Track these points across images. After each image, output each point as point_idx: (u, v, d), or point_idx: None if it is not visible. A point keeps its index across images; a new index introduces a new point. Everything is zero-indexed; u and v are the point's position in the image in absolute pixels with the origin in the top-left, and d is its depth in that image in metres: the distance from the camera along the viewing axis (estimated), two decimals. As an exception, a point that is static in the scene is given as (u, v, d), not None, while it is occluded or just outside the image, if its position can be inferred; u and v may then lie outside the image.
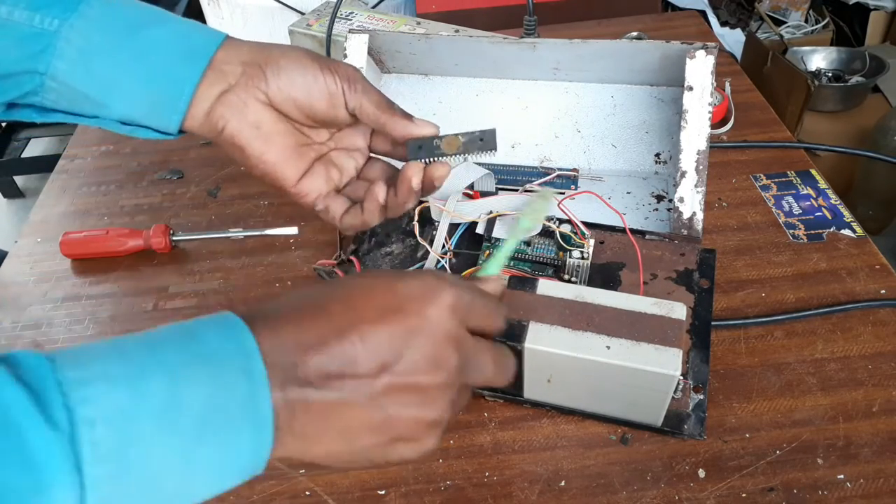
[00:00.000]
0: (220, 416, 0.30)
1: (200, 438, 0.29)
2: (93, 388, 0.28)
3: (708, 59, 0.61)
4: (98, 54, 0.43)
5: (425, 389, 0.34)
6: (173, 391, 0.29)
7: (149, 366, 0.29)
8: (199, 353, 0.30)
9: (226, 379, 0.30)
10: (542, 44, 0.66)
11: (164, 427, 0.29)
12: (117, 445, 0.27)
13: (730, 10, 1.92)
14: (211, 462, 0.30)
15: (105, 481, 0.27)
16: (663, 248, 0.61)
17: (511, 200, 0.64)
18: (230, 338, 0.31)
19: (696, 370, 0.54)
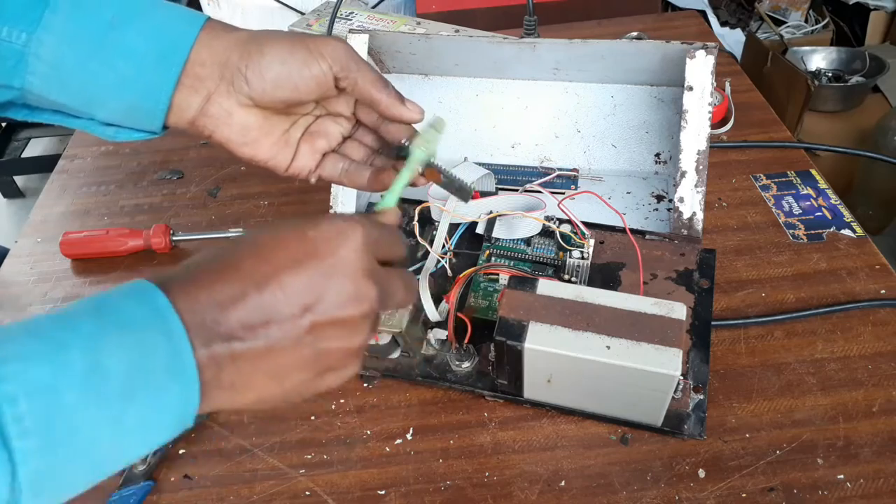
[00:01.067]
0: (144, 379, 0.31)
1: (127, 402, 0.30)
2: (10, 366, 0.28)
3: (708, 59, 0.61)
4: (69, 68, 0.42)
5: (349, 322, 0.36)
6: (93, 360, 0.30)
7: (65, 339, 0.30)
8: (115, 321, 0.31)
9: (146, 343, 0.31)
10: (542, 44, 0.66)
11: (88, 396, 0.29)
12: (42, 418, 0.28)
13: (730, 10, 1.92)
14: (140, 423, 0.31)
15: (34, 454, 0.28)
16: (663, 248, 0.61)
17: (511, 200, 0.64)
18: (145, 302, 0.32)
19: (696, 370, 0.54)
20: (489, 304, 0.58)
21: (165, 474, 0.53)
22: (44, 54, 0.41)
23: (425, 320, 0.57)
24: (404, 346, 0.56)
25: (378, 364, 0.58)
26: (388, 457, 0.53)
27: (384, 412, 0.56)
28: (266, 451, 0.54)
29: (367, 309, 0.37)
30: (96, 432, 0.30)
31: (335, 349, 0.36)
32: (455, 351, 0.56)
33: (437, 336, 0.57)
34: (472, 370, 0.56)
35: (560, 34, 0.77)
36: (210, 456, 0.54)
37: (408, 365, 0.57)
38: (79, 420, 0.29)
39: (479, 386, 0.55)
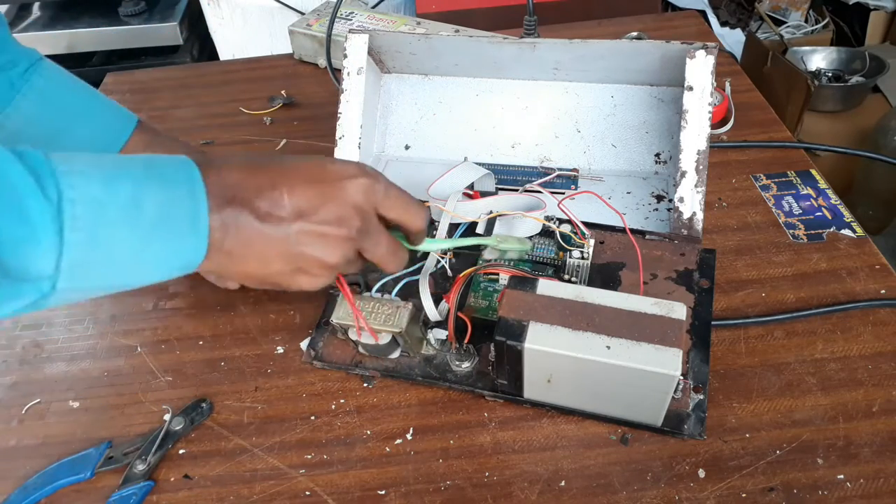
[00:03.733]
0: (168, 222, 0.39)
1: (152, 235, 0.39)
2: (76, 178, 0.36)
3: (708, 59, 0.61)
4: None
5: (329, 238, 0.44)
6: (135, 194, 0.38)
7: (118, 174, 0.38)
8: (157, 174, 0.39)
9: (176, 196, 0.39)
10: (542, 44, 0.66)
11: (126, 219, 0.37)
12: (90, 222, 0.36)
13: (730, 10, 1.92)
14: (157, 256, 0.39)
15: (77, 247, 0.35)
16: (663, 248, 0.61)
17: (511, 200, 0.64)
18: (182, 169, 0.41)
19: (696, 370, 0.54)
20: (489, 304, 0.58)
21: (165, 474, 0.53)
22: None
23: (425, 320, 0.57)
24: (404, 345, 0.56)
25: (378, 364, 0.58)
26: (388, 457, 0.53)
27: (384, 412, 0.56)
28: (266, 451, 0.54)
29: (346, 234, 0.45)
30: (123, 249, 0.38)
31: (310, 255, 0.44)
32: (455, 351, 0.56)
33: (437, 336, 0.57)
34: (472, 370, 0.56)
35: (560, 34, 0.77)
36: (210, 456, 0.54)
37: (408, 365, 0.57)
38: (113, 234, 0.37)
39: (479, 386, 0.55)
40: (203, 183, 0.40)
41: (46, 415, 0.59)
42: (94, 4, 1.63)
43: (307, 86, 0.97)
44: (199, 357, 0.62)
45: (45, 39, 1.58)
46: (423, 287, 0.57)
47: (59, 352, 0.64)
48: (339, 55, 0.71)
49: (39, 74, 0.63)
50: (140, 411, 0.58)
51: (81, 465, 0.53)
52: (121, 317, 0.66)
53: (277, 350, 0.62)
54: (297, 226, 0.43)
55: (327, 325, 0.60)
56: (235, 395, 0.58)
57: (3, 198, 0.34)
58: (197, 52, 1.69)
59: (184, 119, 0.94)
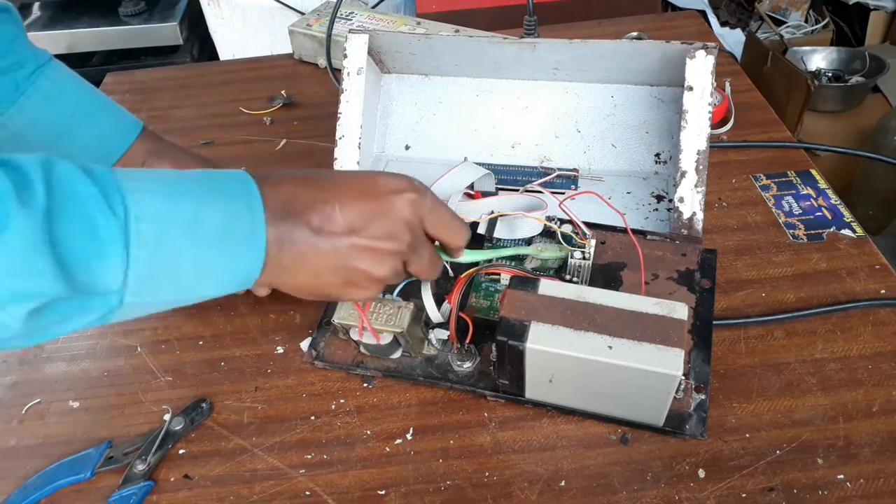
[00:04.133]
0: (228, 238, 0.40)
1: (212, 250, 0.40)
2: (142, 194, 0.37)
3: (708, 59, 0.61)
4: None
5: (379, 252, 0.45)
6: (197, 210, 0.39)
7: (182, 189, 0.39)
8: (217, 189, 0.41)
9: (235, 210, 0.41)
10: (542, 44, 0.66)
11: (187, 234, 0.39)
12: (154, 238, 0.37)
13: (730, 10, 1.92)
14: (217, 270, 0.41)
15: (142, 262, 0.37)
16: (664, 249, 0.61)
17: (512, 201, 0.64)
18: (241, 183, 0.42)
19: (698, 370, 0.54)
20: (490, 304, 0.58)
21: (165, 474, 0.53)
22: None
23: (427, 320, 0.57)
24: (406, 345, 0.56)
25: (379, 364, 0.58)
26: (388, 457, 0.53)
27: (384, 412, 0.56)
28: (266, 451, 0.54)
29: (396, 248, 0.46)
30: (185, 263, 0.39)
31: (361, 269, 0.45)
32: (456, 351, 0.56)
33: (439, 336, 0.57)
34: (474, 370, 0.56)
35: (560, 34, 0.77)
36: (210, 456, 0.54)
37: (409, 365, 0.57)
38: (176, 249, 0.38)
39: (480, 386, 0.55)
40: (260, 198, 0.41)
41: (46, 415, 0.59)
42: (94, 4, 1.63)
43: (307, 86, 0.97)
44: (199, 357, 0.62)
45: (45, 39, 1.58)
46: (425, 288, 0.57)
47: (59, 352, 0.64)
48: (339, 55, 0.71)
49: (46, 77, 0.63)
50: (140, 411, 0.58)
51: (81, 465, 0.53)
52: (121, 317, 0.66)
53: (277, 350, 0.62)
54: (350, 240, 0.44)
55: (328, 325, 0.60)
56: (235, 395, 0.58)
57: (74, 213, 0.35)
58: (197, 52, 1.69)
59: (184, 119, 0.94)
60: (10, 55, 0.61)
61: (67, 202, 0.35)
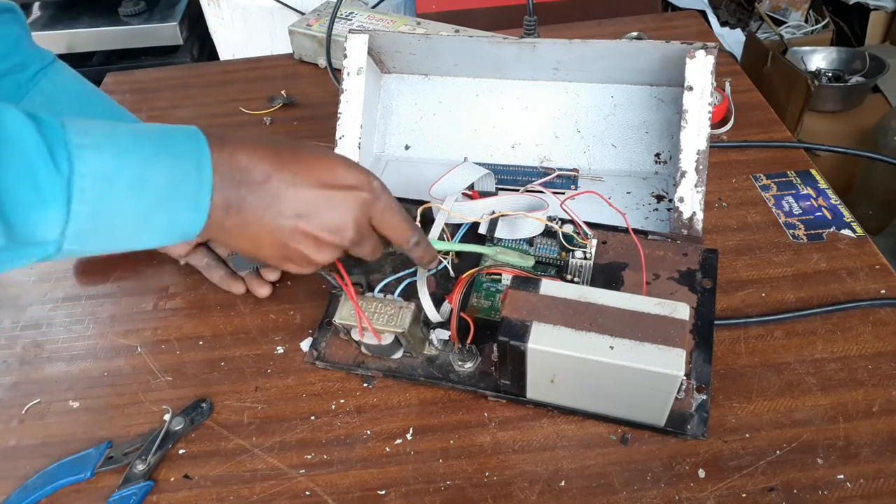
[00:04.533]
0: (172, 198, 0.41)
1: (154, 209, 0.41)
2: (89, 151, 0.37)
3: (708, 59, 0.61)
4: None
5: (321, 242, 0.47)
6: (144, 170, 0.39)
7: (131, 148, 0.39)
8: (168, 149, 0.41)
9: (182, 172, 0.41)
10: (542, 44, 0.66)
11: (131, 193, 0.39)
12: (97, 196, 0.38)
13: (730, 10, 1.92)
14: (157, 227, 0.42)
15: (83, 217, 0.37)
16: (666, 249, 0.61)
17: (514, 201, 0.64)
18: (192, 145, 0.42)
19: (699, 370, 0.54)
20: (492, 304, 0.58)
21: (165, 474, 0.53)
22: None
23: (426, 320, 0.57)
24: (407, 346, 0.56)
25: (380, 364, 0.58)
26: (388, 457, 0.53)
27: (384, 412, 0.56)
28: (266, 451, 0.54)
29: (338, 242, 0.47)
30: (126, 219, 0.40)
31: (300, 251, 0.47)
32: (458, 351, 0.56)
33: (440, 336, 0.57)
34: (475, 370, 0.56)
35: (560, 34, 0.77)
36: (210, 456, 0.54)
37: (410, 365, 0.57)
38: (118, 207, 0.39)
39: (481, 386, 0.55)
40: (210, 161, 0.42)
41: (46, 415, 0.59)
42: (94, 4, 1.63)
43: (307, 86, 0.97)
44: (199, 357, 0.62)
45: (45, 39, 1.58)
46: (422, 288, 0.57)
47: (59, 352, 0.64)
48: (339, 55, 0.71)
49: (49, 79, 0.63)
50: (140, 411, 0.58)
51: (81, 465, 0.53)
52: (121, 317, 0.66)
53: (277, 350, 0.62)
54: (294, 223, 0.45)
55: (329, 325, 0.60)
56: (235, 395, 0.58)
57: (16, 163, 0.35)
58: (197, 52, 1.69)
59: (184, 119, 0.94)
60: (14, 56, 0.61)
61: (11, 152, 0.35)
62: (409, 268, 0.60)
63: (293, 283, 0.67)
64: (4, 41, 0.61)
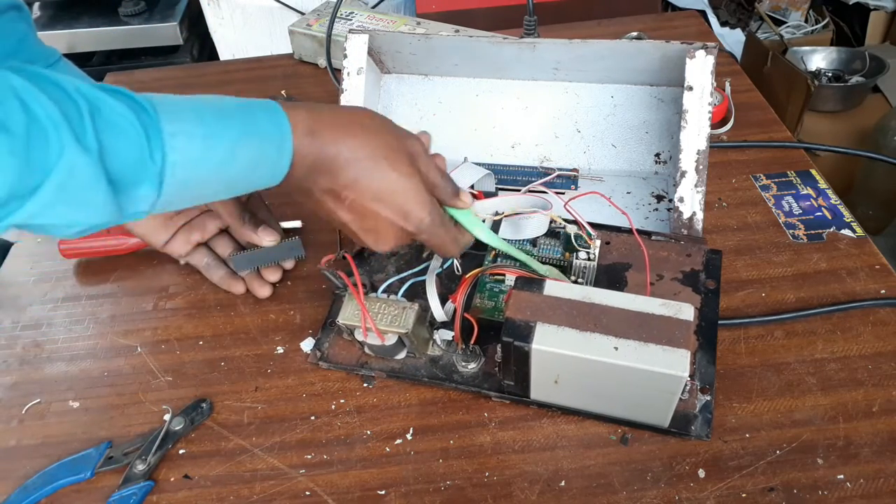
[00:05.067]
0: (253, 173, 0.45)
1: (238, 181, 0.45)
2: (180, 140, 0.40)
3: (708, 59, 0.61)
4: None
5: (395, 226, 0.50)
6: (231, 153, 0.43)
7: (217, 132, 0.42)
8: (253, 130, 0.44)
9: (266, 152, 0.45)
10: (542, 44, 0.66)
11: (218, 172, 0.43)
12: (186, 176, 0.41)
13: (730, 10, 1.92)
14: (235, 191, 0.47)
15: (172, 193, 0.41)
16: (669, 249, 0.61)
17: (516, 201, 0.64)
18: (275, 122, 0.45)
19: (703, 371, 0.54)
20: (495, 304, 0.58)
21: (165, 474, 0.53)
22: None
23: (431, 321, 0.57)
24: (410, 346, 0.56)
25: (384, 365, 0.57)
26: (388, 457, 0.53)
27: (384, 412, 0.56)
28: (266, 451, 0.54)
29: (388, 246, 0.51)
30: (209, 191, 0.45)
31: (361, 238, 0.51)
32: (461, 352, 0.56)
33: (443, 337, 0.57)
34: (479, 371, 0.56)
35: (560, 34, 0.77)
36: (210, 456, 0.54)
37: (413, 366, 0.57)
38: (205, 182, 0.43)
39: (485, 387, 0.55)
40: (291, 137, 0.45)
41: (46, 415, 0.59)
42: (94, 4, 1.63)
43: (307, 86, 0.97)
44: (199, 357, 0.62)
45: (45, 39, 1.56)
46: (430, 287, 0.57)
47: (59, 352, 0.64)
48: (339, 55, 0.71)
49: None
50: (140, 411, 0.58)
51: (81, 465, 0.53)
52: (121, 317, 0.66)
53: (277, 350, 0.62)
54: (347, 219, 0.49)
55: (332, 325, 0.60)
56: (235, 395, 0.58)
57: (121, 153, 0.38)
58: (197, 52, 1.69)
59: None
60: (19, 54, 0.61)
61: (116, 140, 0.38)
62: (412, 268, 0.60)
63: (293, 284, 0.67)
64: (10, 38, 0.61)
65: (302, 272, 0.68)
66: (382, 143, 0.48)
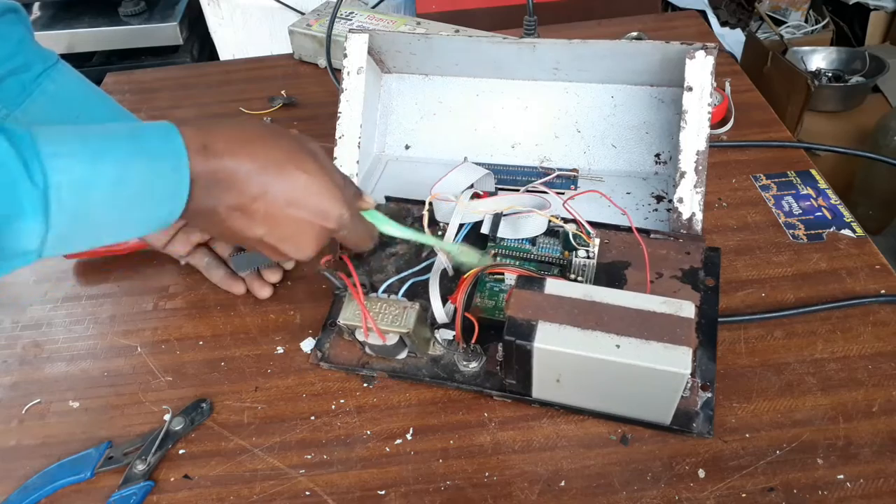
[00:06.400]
0: (150, 196, 0.41)
1: (132, 207, 0.41)
2: (62, 160, 0.37)
3: (708, 60, 0.61)
4: None
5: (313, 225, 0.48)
6: (121, 173, 0.39)
7: (105, 152, 0.39)
8: (143, 148, 0.41)
9: (160, 171, 0.41)
10: (542, 44, 0.66)
11: (109, 197, 0.40)
12: (76, 203, 0.38)
13: (730, 10, 1.92)
14: (136, 223, 0.43)
15: (62, 225, 0.38)
16: (668, 247, 0.61)
17: (518, 200, 0.64)
18: (168, 143, 0.42)
19: (704, 368, 0.54)
20: (496, 304, 0.58)
21: (165, 474, 0.53)
22: None
23: (432, 320, 0.57)
24: (411, 346, 0.56)
25: (385, 365, 0.57)
26: (388, 457, 0.53)
27: (384, 412, 0.56)
28: (266, 451, 0.54)
29: (304, 255, 0.49)
30: (105, 221, 0.41)
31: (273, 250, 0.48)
32: (462, 351, 0.56)
33: (444, 336, 0.57)
34: (480, 370, 0.56)
35: (560, 34, 0.77)
36: (210, 456, 0.54)
37: (415, 365, 0.57)
38: (96, 210, 0.39)
39: (486, 386, 0.55)
40: (187, 157, 0.42)
41: (46, 415, 0.59)
42: (94, 4, 1.63)
43: (307, 86, 0.97)
44: (199, 357, 0.62)
45: (45, 39, 1.57)
46: (433, 287, 0.57)
47: (59, 352, 0.64)
48: (339, 55, 0.71)
49: (52, 80, 0.63)
50: (140, 411, 0.58)
51: (81, 465, 0.53)
52: (121, 317, 0.66)
53: (277, 350, 0.62)
54: (262, 232, 0.47)
55: (333, 326, 0.60)
56: (235, 395, 0.58)
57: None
58: (197, 52, 1.69)
59: (184, 119, 0.94)
60: (17, 57, 0.61)
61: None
62: (413, 268, 0.60)
63: (293, 284, 0.67)
64: (8, 41, 0.61)
65: (302, 273, 0.68)
66: (282, 148, 0.46)
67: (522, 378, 0.52)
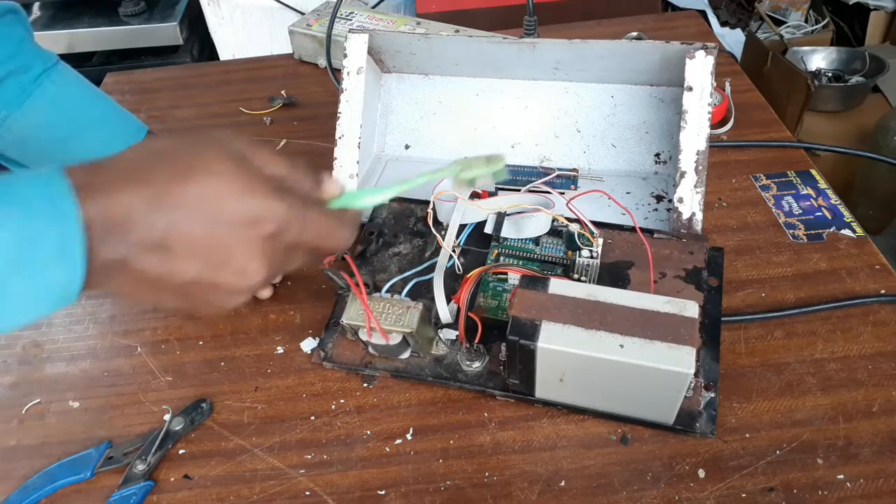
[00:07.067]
0: (39, 252, 0.33)
1: (14, 279, 0.33)
2: None
3: (708, 60, 0.61)
4: None
5: (225, 288, 0.39)
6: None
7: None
8: (11, 198, 0.33)
9: (36, 221, 0.33)
10: (542, 44, 0.66)
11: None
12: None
13: (730, 10, 1.92)
14: (23, 296, 0.34)
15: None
16: (671, 247, 0.61)
17: (520, 200, 0.64)
18: (44, 186, 0.34)
19: (707, 368, 0.54)
20: (499, 303, 0.58)
21: (165, 474, 0.53)
22: None
23: (435, 320, 0.57)
24: (415, 346, 0.56)
25: (388, 364, 0.57)
26: (388, 457, 0.53)
27: (384, 412, 0.56)
28: (266, 451, 0.54)
29: (245, 286, 0.39)
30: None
31: (206, 304, 0.40)
32: (465, 351, 0.56)
33: (448, 336, 0.57)
34: (483, 370, 0.56)
35: (560, 34, 0.77)
36: (210, 456, 0.54)
37: (418, 365, 0.57)
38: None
39: (490, 386, 0.55)
40: (76, 206, 0.33)
41: (46, 415, 0.59)
42: (94, 4, 1.63)
43: (307, 86, 0.97)
44: (199, 357, 0.62)
45: (45, 39, 1.57)
46: (438, 286, 0.57)
47: (59, 352, 0.64)
48: (339, 55, 0.71)
49: (52, 80, 0.63)
50: (140, 411, 0.58)
51: (81, 465, 0.53)
52: (121, 317, 0.66)
53: (277, 350, 0.62)
54: (194, 269, 0.37)
55: (336, 325, 0.60)
56: (235, 395, 0.58)
57: None
58: (197, 52, 1.69)
59: (184, 119, 0.94)
60: (17, 58, 0.61)
61: None
62: (416, 267, 0.60)
63: (293, 284, 0.67)
64: (8, 43, 0.61)
65: (302, 273, 0.68)
66: (185, 159, 0.37)
67: (526, 378, 0.52)
